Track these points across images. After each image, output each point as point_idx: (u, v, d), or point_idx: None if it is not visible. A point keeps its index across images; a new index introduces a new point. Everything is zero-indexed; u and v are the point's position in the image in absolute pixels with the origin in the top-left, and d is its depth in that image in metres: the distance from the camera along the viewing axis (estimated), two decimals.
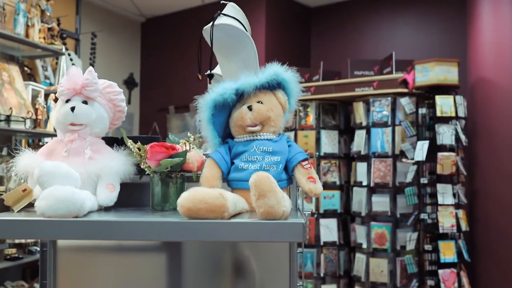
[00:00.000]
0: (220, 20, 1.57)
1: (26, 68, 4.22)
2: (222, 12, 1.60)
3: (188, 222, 1.15)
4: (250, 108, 1.42)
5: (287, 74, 1.46)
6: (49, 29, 4.17)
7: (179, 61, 6.50)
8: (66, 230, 1.17)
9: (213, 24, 1.56)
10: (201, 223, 1.15)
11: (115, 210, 1.41)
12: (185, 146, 1.45)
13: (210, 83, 1.74)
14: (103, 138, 1.51)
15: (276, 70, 1.45)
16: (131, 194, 1.52)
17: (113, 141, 1.54)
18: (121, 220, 1.18)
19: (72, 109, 1.41)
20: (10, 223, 1.19)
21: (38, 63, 4.44)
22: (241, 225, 1.15)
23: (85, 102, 1.44)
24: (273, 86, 1.45)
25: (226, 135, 1.49)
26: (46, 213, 1.18)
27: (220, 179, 1.41)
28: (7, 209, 1.38)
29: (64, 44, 4.42)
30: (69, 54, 4.57)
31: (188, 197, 1.17)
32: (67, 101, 1.44)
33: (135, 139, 1.45)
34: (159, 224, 1.17)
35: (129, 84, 6.75)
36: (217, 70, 1.78)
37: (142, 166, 1.41)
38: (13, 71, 3.83)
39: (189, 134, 1.49)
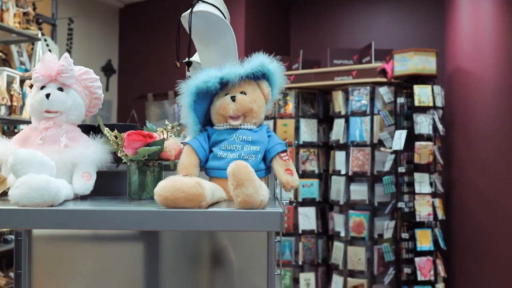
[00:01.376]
0: (199, 7, 1.55)
1: (0, 54, 4.14)
2: None
3: (165, 211, 1.14)
4: (233, 99, 1.41)
5: (273, 65, 1.44)
6: (25, 13, 4.09)
7: (158, 48, 6.43)
8: (41, 219, 1.15)
9: (191, 11, 1.54)
10: (179, 212, 1.14)
11: (91, 199, 1.39)
12: (163, 134, 1.43)
13: (188, 70, 1.72)
14: (79, 126, 1.49)
15: (262, 60, 1.43)
16: (108, 183, 1.50)
17: (89, 129, 1.51)
18: (97, 209, 1.17)
19: (47, 96, 1.38)
20: None
21: (13, 48, 4.36)
22: (219, 214, 1.15)
23: (60, 89, 1.41)
24: (258, 76, 1.44)
25: (206, 122, 1.48)
26: (20, 202, 1.15)
27: (197, 166, 1.40)
28: None
29: (40, 29, 4.34)
30: (45, 40, 4.49)
31: (165, 186, 1.15)
32: (42, 87, 1.41)
33: (112, 127, 1.43)
34: (136, 213, 1.15)
35: (107, 71, 6.67)
36: (195, 58, 1.76)
37: (119, 155, 1.39)
38: None
39: (166, 122, 1.47)
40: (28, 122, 3.94)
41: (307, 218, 4.81)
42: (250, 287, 1.57)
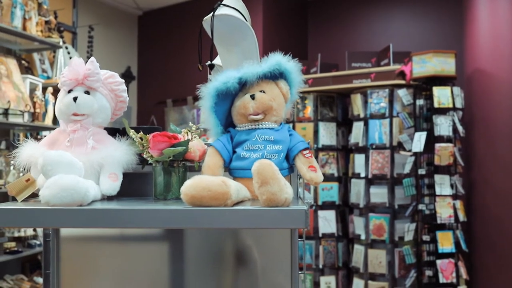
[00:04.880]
0: (221, 10, 1.58)
1: (23, 62, 4.21)
2: (222, 2, 1.61)
3: (192, 210, 1.16)
4: (252, 97, 1.43)
5: (289, 64, 1.46)
6: (46, 22, 4.17)
7: (177, 54, 6.49)
8: (71, 218, 1.18)
9: (213, 14, 1.56)
10: (205, 210, 1.16)
11: (118, 199, 1.42)
12: (187, 135, 1.45)
13: (210, 73, 1.75)
14: (104, 129, 1.52)
15: (279, 60, 1.45)
16: (134, 184, 1.53)
17: (114, 132, 1.54)
18: (126, 208, 1.19)
19: (75, 99, 1.41)
20: (15, 212, 1.19)
21: (36, 56, 4.44)
22: (244, 212, 1.16)
23: (87, 93, 1.44)
24: (276, 76, 1.46)
25: (228, 124, 1.50)
26: (51, 202, 1.19)
27: (222, 167, 1.42)
28: (9, 200, 1.38)
29: (62, 37, 4.42)
30: (66, 48, 4.57)
31: (192, 185, 1.18)
32: (69, 91, 1.44)
33: (136, 129, 1.46)
34: (163, 212, 1.18)
35: (126, 77, 6.74)
36: (217, 61, 1.79)
37: (144, 156, 1.41)
38: (11, 64, 3.83)
39: (190, 123, 1.50)
40: (50, 129, 4.01)
41: (327, 222, 4.81)
42: (273, 287, 1.59)
